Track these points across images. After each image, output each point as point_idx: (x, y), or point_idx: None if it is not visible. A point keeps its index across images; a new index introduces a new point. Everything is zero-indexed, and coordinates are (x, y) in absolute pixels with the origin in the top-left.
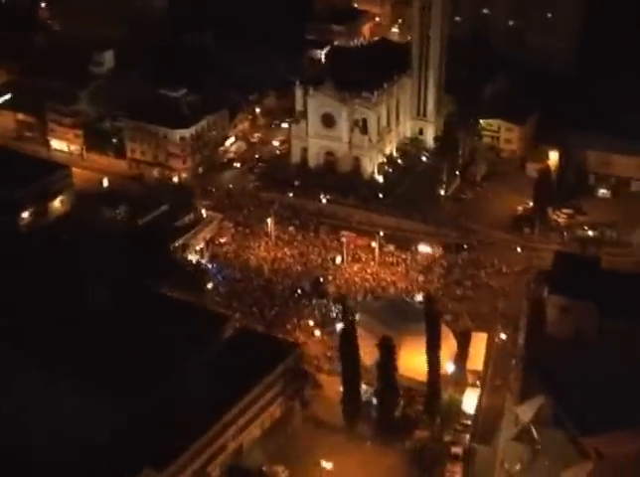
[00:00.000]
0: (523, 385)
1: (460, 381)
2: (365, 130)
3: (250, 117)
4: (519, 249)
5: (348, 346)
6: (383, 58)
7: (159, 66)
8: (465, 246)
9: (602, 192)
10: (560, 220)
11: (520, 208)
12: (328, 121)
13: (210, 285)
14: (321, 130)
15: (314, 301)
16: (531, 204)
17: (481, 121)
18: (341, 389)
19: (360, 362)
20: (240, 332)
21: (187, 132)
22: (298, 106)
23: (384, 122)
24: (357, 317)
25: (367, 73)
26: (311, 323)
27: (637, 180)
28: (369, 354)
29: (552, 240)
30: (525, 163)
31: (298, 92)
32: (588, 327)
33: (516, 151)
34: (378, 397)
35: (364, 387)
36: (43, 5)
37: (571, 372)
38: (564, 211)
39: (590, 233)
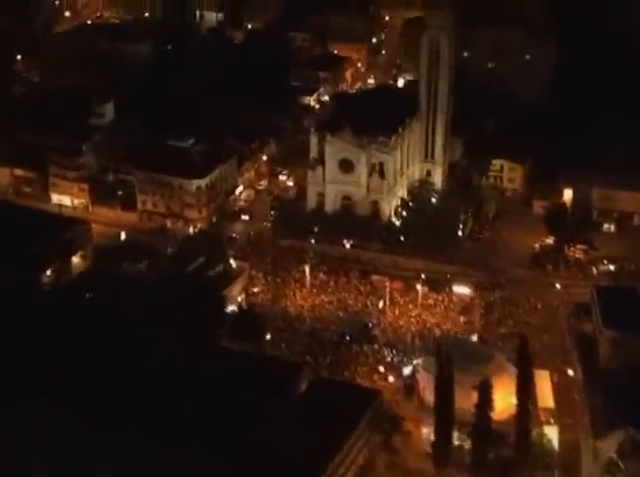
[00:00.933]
0: (592, 418)
1: (535, 419)
2: (382, 174)
3: (255, 165)
4: (558, 286)
5: (444, 390)
6: (386, 103)
7: (156, 115)
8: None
9: (607, 227)
10: (577, 255)
11: (536, 245)
12: (346, 166)
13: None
14: (338, 175)
15: (365, 347)
16: (547, 240)
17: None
18: (423, 431)
19: (454, 406)
20: (317, 381)
21: (203, 182)
22: (313, 153)
23: (398, 166)
24: (420, 360)
25: (375, 118)
26: (381, 369)
27: None
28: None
29: (575, 276)
30: (529, 201)
31: (314, 139)
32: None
33: (517, 190)
34: (472, 439)
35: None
36: (19, 57)
37: None
38: (579, 246)
39: (611, 266)
